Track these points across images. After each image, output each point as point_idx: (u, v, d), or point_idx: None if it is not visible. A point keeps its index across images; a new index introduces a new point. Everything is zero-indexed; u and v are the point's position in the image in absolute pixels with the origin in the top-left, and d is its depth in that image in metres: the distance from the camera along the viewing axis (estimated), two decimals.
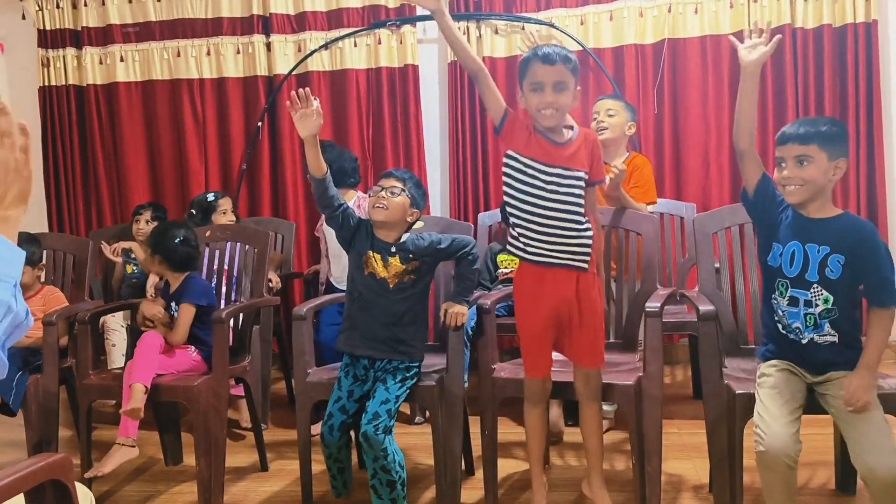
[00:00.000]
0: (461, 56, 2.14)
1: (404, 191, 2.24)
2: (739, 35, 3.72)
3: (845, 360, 1.94)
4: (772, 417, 1.87)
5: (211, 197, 3.49)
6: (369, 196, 2.29)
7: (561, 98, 2.03)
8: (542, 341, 2.13)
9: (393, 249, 2.25)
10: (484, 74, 2.11)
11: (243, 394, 3.02)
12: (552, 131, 2.08)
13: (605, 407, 2.96)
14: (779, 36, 2.05)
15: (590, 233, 2.07)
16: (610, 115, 3.00)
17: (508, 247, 2.15)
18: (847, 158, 1.97)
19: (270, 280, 3.29)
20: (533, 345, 2.14)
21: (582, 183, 2.07)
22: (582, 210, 2.06)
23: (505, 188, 2.10)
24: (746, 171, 2.04)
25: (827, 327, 1.94)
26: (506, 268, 3.18)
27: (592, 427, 2.19)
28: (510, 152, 2.09)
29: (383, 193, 2.24)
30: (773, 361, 2.00)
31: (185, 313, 2.61)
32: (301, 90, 2.19)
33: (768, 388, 1.94)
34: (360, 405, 2.24)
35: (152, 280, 3.28)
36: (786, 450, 1.81)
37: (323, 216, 3.32)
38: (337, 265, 3.23)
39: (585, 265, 2.08)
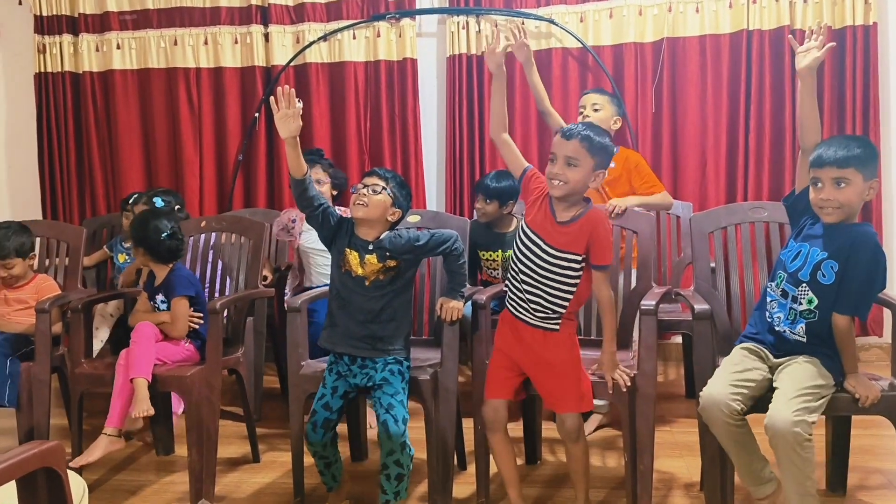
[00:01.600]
0: (496, 112, 2.24)
1: (386, 189, 2.22)
2: (739, 35, 3.74)
3: (811, 352, 2.02)
4: (713, 380, 2.01)
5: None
6: (352, 193, 2.28)
7: (570, 172, 2.05)
8: (500, 371, 2.18)
9: (370, 247, 2.23)
10: (504, 139, 2.22)
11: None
12: (559, 206, 2.10)
13: (599, 402, 2.96)
14: (832, 43, 2.09)
15: (563, 308, 2.11)
16: (595, 110, 3.00)
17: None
18: (878, 178, 2.01)
19: (266, 277, 3.27)
20: (493, 370, 2.21)
21: (573, 265, 2.09)
22: (564, 288, 2.09)
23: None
24: (803, 172, 2.08)
25: (800, 327, 2.02)
26: (488, 268, 3.16)
27: (573, 466, 2.20)
28: (522, 219, 2.18)
29: (364, 191, 2.23)
30: (744, 344, 2.11)
31: (180, 307, 2.58)
32: (286, 88, 2.18)
33: (724, 362, 2.08)
34: (344, 402, 2.24)
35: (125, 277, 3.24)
36: (718, 404, 1.93)
37: (275, 223, 3.32)
38: (316, 273, 3.22)
39: (554, 328, 2.12)
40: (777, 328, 2.06)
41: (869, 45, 3.70)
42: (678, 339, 3.79)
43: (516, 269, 2.14)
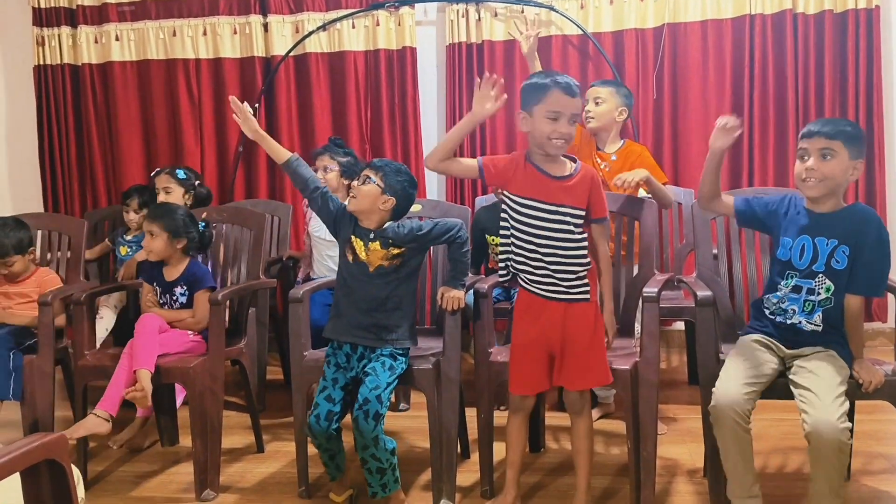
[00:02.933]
0: (449, 149, 2.17)
1: (373, 179, 2.22)
2: (741, 20, 3.71)
3: (822, 342, 2.02)
4: (727, 376, 1.99)
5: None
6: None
7: (573, 130, 2.09)
8: (526, 363, 2.16)
9: (372, 235, 2.24)
10: (445, 164, 2.17)
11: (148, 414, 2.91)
12: (549, 164, 2.10)
13: (604, 392, 2.97)
14: (741, 131, 2.11)
15: (585, 268, 2.10)
16: (597, 104, 2.95)
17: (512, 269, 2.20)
18: (863, 161, 2.02)
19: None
20: (517, 362, 2.18)
21: (578, 220, 2.09)
22: (578, 245, 2.09)
23: (502, 223, 2.16)
24: (721, 213, 2.20)
25: (817, 316, 2.02)
26: (497, 254, 3.15)
27: (578, 445, 2.19)
28: (506, 193, 2.15)
29: (355, 183, 2.28)
30: (752, 336, 2.10)
31: (204, 299, 2.59)
32: (231, 98, 2.39)
33: (735, 354, 2.06)
34: (345, 393, 2.24)
35: (125, 270, 3.20)
36: (733, 405, 1.91)
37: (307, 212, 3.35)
38: (320, 263, 3.22)
39: (583, 297, 2.11)
40: (789, 322, 2.05)
41: (872, 28, 3.67)
42: (681, 326, 3.79)
43: (526, 248, 2.11)
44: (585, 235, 2.12)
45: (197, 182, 3.38)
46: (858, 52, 3.68)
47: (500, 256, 2.22)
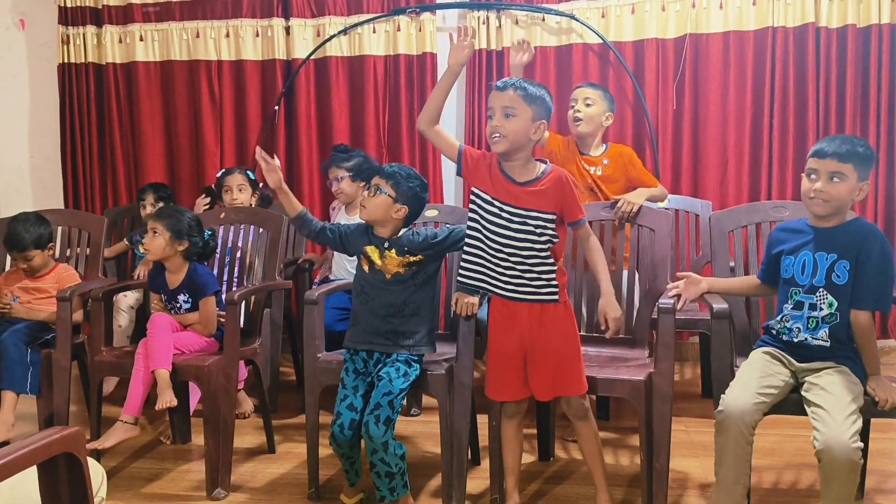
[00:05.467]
0: (434, 106, 2.19)
1: (383, 190, 2.22)
2: (763, 32, 3.70)
3: (831, 357, 2.01)
4: (739, 384, 1.98)
5: (220, 174, 3.47)
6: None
7: (509, 124, 2.03)
8: (507, 370, 2.16)
9: (387, 244, 2.25)
10: (434, 130, 2.20)
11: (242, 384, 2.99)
12: (511, 166, 2.09)
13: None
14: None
15: (552, 268, 2.08)
16: (587, 105, 2.91)
17: (465, 280, 2.15)
18: (869, 182, 2.02)
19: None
20: (498, 370, 2.18)
21: (548, 224, 2.06)
22: (543, 247, 2.07)
23: (469, 223, 2.14)
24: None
25: (823, 332, 2.01)
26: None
27: (586, 447, 2.20)
28: (474, 189, 2.13)
29: (365, 193, 2.28)
30: (764, 348, 2.10)
31: (210, 306, 2.60)
32: (257, 149, 2.34)
33: (747, 364, 2.06)
34: (367, 400, 2.23)
35: (143, 268, 3.22)
36: (742, 414, 1.90)
37: (332, 206, 3.40)
38: (339, 265, 3.24)
39: (554, 298, 2.09)
40: (796, 339, 2.04)
41: (895, 43, 3.64)
42: (695, 339, 3.77)
43: (490, 246, 2.09)
44: (550, 237, 2.07)
45: (261, 184, 3.44)
46: (881, 67, 3.65)
47: (462, 264, 2.16)
